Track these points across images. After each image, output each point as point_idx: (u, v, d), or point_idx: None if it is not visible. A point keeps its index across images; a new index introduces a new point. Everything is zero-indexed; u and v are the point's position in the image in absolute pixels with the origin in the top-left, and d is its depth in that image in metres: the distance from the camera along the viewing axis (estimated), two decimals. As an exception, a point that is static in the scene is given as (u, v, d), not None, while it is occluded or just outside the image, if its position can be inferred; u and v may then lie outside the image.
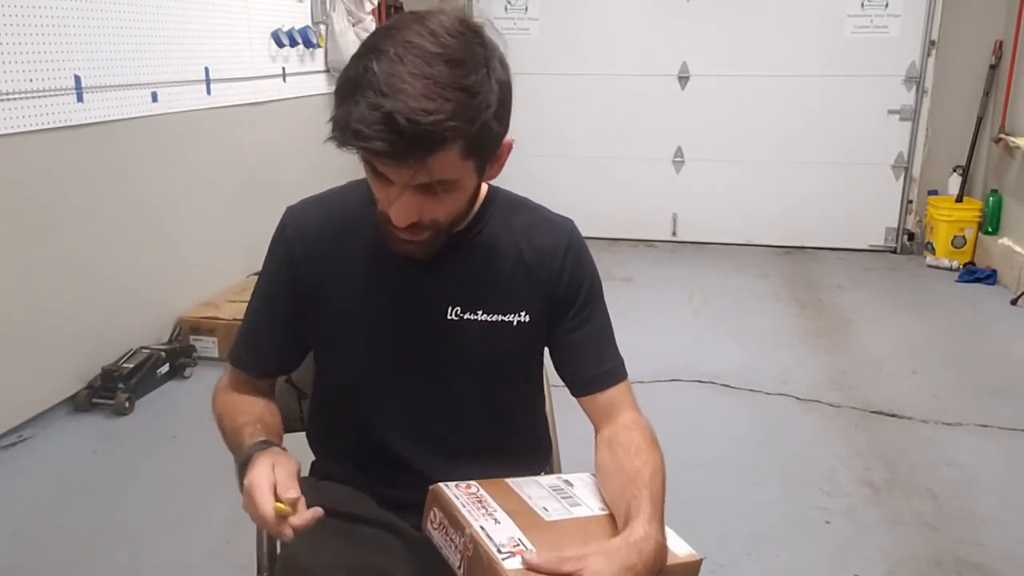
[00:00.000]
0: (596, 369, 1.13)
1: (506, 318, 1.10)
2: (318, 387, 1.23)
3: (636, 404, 1.14)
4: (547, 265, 1.12)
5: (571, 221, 1.17)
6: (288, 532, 0.89)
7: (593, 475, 1.09)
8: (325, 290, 1.11)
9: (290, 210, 1.15)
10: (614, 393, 1.13)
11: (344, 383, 1.15)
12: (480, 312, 1.10)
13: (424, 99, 0.85)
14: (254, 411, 1.12)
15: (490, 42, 0.94)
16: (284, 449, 1.03)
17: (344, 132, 0.87)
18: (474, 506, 0.96)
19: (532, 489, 1.03)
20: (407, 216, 0.95)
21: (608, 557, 0.87)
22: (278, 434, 1.11)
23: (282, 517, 0.89)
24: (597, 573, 0.85)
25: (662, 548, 0.91)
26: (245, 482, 0.94)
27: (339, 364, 1.15)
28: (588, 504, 1.02)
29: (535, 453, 1.26)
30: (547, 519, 0.97)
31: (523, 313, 1.11)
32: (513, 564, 0.87)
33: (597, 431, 1.13)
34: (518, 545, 0.90)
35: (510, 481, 1.04)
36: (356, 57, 0.90)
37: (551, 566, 0.86)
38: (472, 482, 1.02)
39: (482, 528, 0.92)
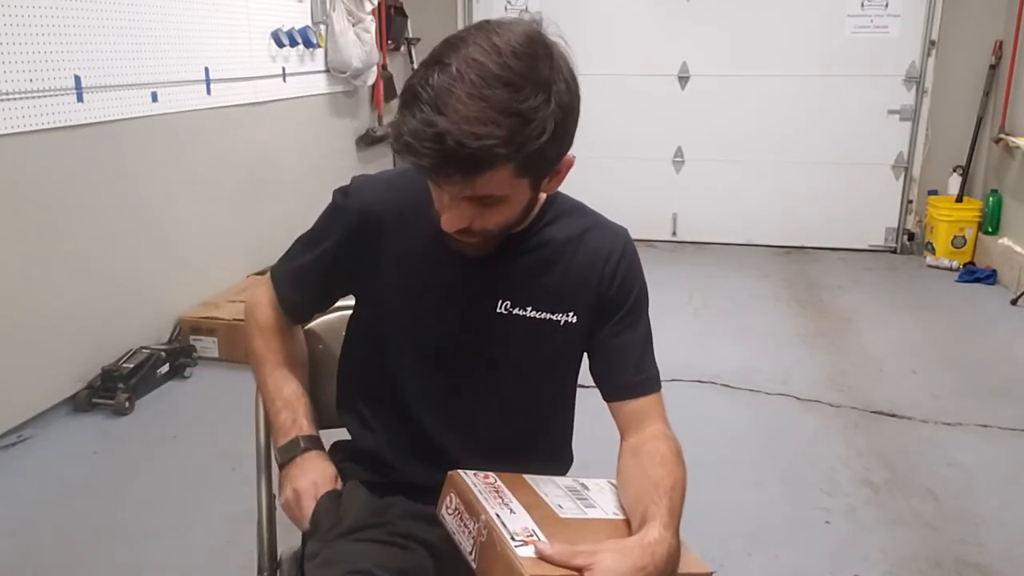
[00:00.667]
0: (634, 376, 1.14)
1: (554, 317, 1.12)
2: (354, 354, 1.24)
3: (666, 417, 1.15)
4: (600, 268, 1.13)
5: (626, 229, 1.18)
6: None
7: (611, 483, 1.10)
8: (379, 266, 1.13)
9: (356, 183, 1.16)
10: (646, 403, 1.13)
11: (386, 360, 1.16)
12: (529, 308, 1.11)
13: (476, 122, 0.86)
14: (298, 382, 1.21)
15: (558, 62, 0.94)
16: (322, 450, 1.18)
17: (397, 142, 0.90)
18: (491, 495, 0.97)
19: (548, 487, 1.04)
20: (455, 223, 0.98)
21: (621, 555, 0.87)
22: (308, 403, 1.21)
23: None
24: (608, 569, 0.85)
25: (675, 554, 0.92)
26: (293, 488, 1.12)
27: (383, 342, 1.16)
28: (603, 508, 1.03)
29: (559, 457, 1.27)
30: (561, 516, 0.97)
31: (571, 314, 1.12)
32: (526, 552, 0.87)
33: (624, 438, 1.13)
34: (532, 535, 0.90)
35: (527, 477, 1.05)
36: (423, 65, 0.92)
37: (563, 558, 0.86)
38: (490, 473, 1.03)
39: (497, 516, 0.92)
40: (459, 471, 1.02)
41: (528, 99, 0.89)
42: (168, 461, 2.62)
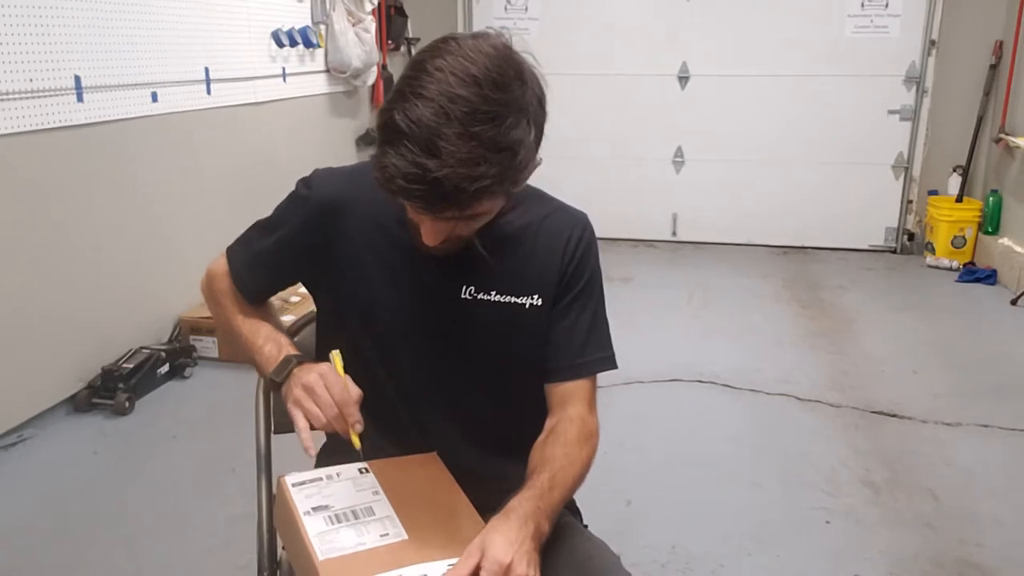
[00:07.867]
0: (570, 361, 1.16)
1: (519, 300, 1.14)
2: (326, 341, 1.22)
3: (591, 401, 1.18)
4: (560, 250, 1.15)
5: (585, 215, 1.21)
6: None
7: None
8: (340, 256, 1.14)
9: (318, 174, 1.18)
10: (575, 386, 1.16)
11: (357, 348, 1.16)
12: (494, 292, 1.13)
13: (470, 163, 0.87)
14: (274, 323, 1.22)
15: (530, 81, 0.94)
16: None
17: (388, 183, 0.90)
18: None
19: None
20: (436, 239, 1.00)
21: (502, 534, 0.92)
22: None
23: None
24: (500, 548, 0.90)
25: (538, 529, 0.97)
26: (301, 383, 1.05)
27: (352, 330, 1.17)
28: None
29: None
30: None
31: (536, 297, 1.14)
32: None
33: (549, 416, 1.16)
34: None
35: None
36: (397, 93, 0.91)
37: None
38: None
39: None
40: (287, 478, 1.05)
41: (512, 129, 0.90)
42: (168, 461, 2.62)
